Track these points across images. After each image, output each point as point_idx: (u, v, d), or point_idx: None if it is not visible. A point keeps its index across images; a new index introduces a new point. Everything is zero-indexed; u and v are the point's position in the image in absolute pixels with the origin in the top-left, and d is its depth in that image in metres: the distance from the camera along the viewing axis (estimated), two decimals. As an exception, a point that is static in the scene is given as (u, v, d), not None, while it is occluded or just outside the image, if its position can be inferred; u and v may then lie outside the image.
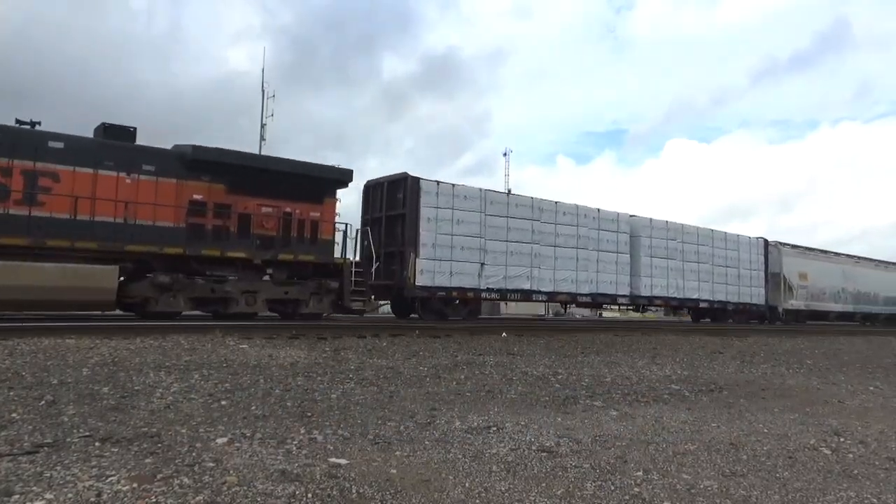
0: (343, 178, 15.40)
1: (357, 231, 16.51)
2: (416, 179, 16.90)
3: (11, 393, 5.00)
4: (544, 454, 3.96)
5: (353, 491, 3.07)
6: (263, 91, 28.69)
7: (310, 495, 2.96)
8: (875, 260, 38.61)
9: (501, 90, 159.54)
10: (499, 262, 18.25)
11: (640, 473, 3.64)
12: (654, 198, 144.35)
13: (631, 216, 22.48)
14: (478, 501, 3.06)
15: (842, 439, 4.89)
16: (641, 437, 4.62)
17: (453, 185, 17.53)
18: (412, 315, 17.75)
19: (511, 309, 31.72)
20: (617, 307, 24.69)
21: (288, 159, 14.78)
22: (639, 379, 7.76)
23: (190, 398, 5.19)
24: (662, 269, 22.72)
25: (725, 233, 25.85)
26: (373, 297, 16.37)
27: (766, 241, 28.09)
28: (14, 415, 4.30)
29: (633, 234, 22.06)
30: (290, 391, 5.72)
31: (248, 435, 4.06)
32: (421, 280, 16.54)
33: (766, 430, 5.08)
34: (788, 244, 30.35)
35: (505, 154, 47.42)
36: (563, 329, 16.08)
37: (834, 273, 32.32)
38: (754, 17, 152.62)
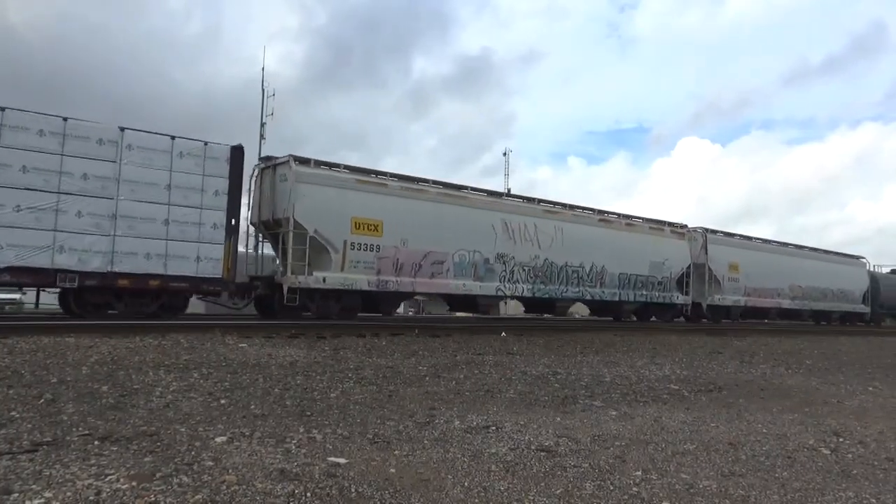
0: None
1: None
2: None
3: (11, 391, 4.99)
4: (543, 454, 3.97)
5: (353, 490, 3.07)
6: (263, 90, 28.66)
7: (309, 494, 2.96)
8: (603, 211, 19.58)
9: (526, 91, 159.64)
10: None
11: (639, 473, 3.64)
12: (665, 197, 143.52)
13: None
14: (477, 501, 3.06)
15: (841, 439, 4.90)
16: (640, 436, 4.62)
17: None
18: None
19: (510, 309, 31.65)
20: None
21: None
22: (638, 379, 7.76)
23: (189, 397, 5.19)
24: None
25: (28, 112, 10.70)
26: None
27: (236, 149, 12.82)
28: (13, 413, 4.30)
29: None
30: (289, 390, 5.72)
31: (248, 434, 4.06)
32: None
33: (765, 430, 5.08)
34: (321, 161, 13.84)
35: (504, 154, 47.12)
36: (563, 329, 16.08)
37: (477, 227, 15.71)
38: (760, 16, 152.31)
